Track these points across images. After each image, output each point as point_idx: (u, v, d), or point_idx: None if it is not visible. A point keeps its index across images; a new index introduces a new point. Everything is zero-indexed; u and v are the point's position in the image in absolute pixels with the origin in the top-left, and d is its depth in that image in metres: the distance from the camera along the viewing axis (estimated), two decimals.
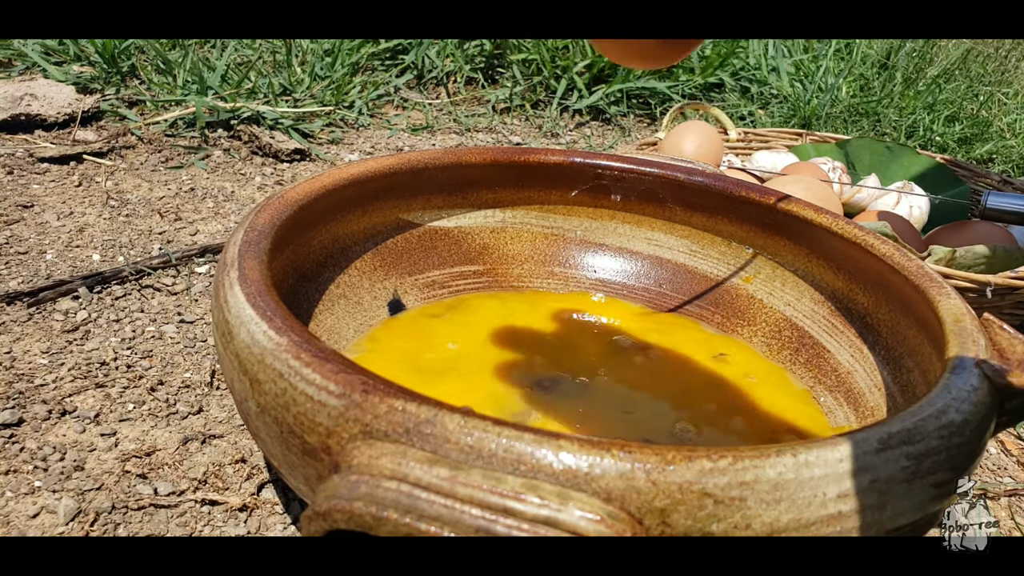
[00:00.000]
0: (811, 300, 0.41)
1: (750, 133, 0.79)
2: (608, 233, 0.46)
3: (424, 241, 0.44)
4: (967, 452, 0.24)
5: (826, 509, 0.20)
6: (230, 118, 0.78)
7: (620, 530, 0.19)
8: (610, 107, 0.97)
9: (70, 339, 0.44)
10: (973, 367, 0.26)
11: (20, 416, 0.38)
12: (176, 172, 0.68)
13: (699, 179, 0.43)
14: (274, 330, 0.24)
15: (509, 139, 0.88)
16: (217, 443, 0.38)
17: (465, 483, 0.19)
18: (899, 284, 0.35)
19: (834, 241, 0.39)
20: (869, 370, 0.37)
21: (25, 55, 0.83)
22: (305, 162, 0.75)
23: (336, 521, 0.19)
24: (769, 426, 0.36)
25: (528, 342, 0.40)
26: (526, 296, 0.45)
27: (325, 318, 0.38)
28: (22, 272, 0.50)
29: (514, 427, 0.20)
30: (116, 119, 0.76)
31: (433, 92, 1.00)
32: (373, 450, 0.20)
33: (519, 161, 0.44)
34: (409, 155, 0.41)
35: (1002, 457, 0.44)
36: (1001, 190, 0.70)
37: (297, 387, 0.23)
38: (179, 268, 0.53)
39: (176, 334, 0.46)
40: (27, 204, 0.59)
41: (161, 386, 0.41)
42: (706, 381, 0.39)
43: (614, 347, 0.40)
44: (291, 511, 0.35)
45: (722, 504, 0.20)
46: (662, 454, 0.20)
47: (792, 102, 1.00)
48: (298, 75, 0.90)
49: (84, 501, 0.34)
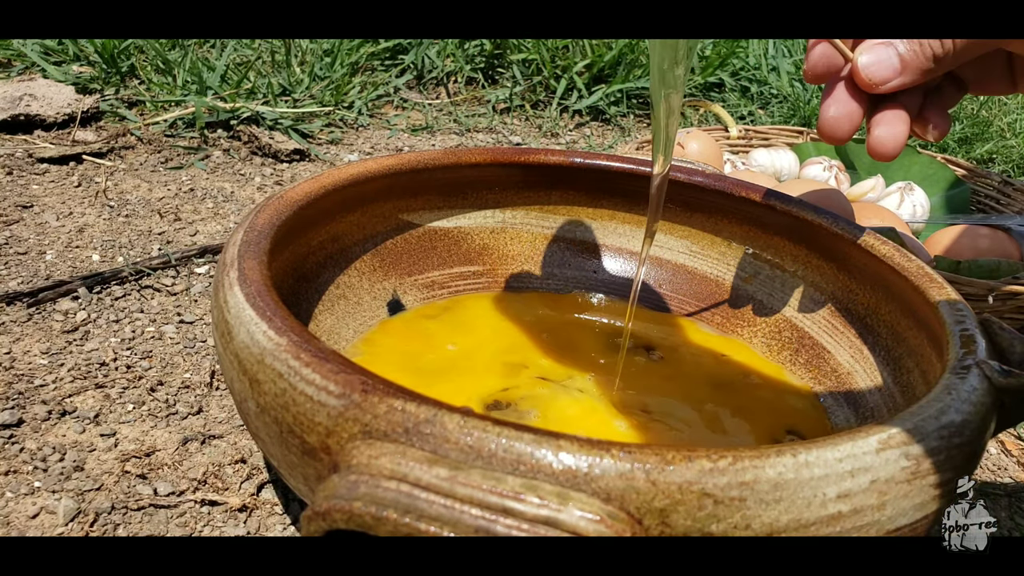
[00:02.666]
0: (811, 300, 0.41)
1: (751, 131, 0.79)
2: (608, 233, 0.46)
3: (424, 241, 0.44)
4: (967, 452, 0.24)
5: (826, 509, 0.20)
6: (230, 118, 0.78)
7: (620, 530, 0.19)
8: (610, 107, 0.97)
9: (70, 339, 0.44)
10: (973, 367, 0.26)
11: (20, 416, 0.38)
12: (176, 172, 0.68)
13: (699, 179, 0.43)
14: (274, 330, 0.24)
15: (509, 139, 0.88)
16: (217, 443, 0.38)
17: (465, 483, 0.19)
18: (899, 284, 0.35)
19: (834, 241, 0.39)
20: (869, 370, 0.37)
21: (24, 55, 0.83)
22: (305, 162, 0.75)
23: (336, 521, 0.19)
24: (770, 426, 0.36)
25: (527, 342, 0.40)
26: (525, 296, 0.45)
27: (325, 318, 0.38)
28: (22, 272, 0.50)
29: (514, 427, 0.20)
30: (115, 119, 0.76)
31: (433, 92, 1.00)
32: (373, 450, 0.20)
33: (519, 161, 0.44)
34: (409, 155, 0.41)
35: (1002, 457, 0.44)
36: (1003, 191, 0.70)
37: (297, 387, 0.23)
38: (179, 268, 0.53)
39: (176, 334, 0.46)
40: (27, 204, 0.59)
41: (161, 386, 0.41)
42: (706, 381, 0.39)
43: (615, 347, 0.40)
44: (291, 511, 0.35)
45: (722, 504, 0.20)
46: (662, 454, 0.20)
47: (792, 102, 1.00)
48: (297, 75, 0.90)
49: (84, 501, 0.34)
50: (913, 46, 0.29)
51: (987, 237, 0.57)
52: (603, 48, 1.01)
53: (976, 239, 0.57)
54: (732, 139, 0.77)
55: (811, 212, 0.39)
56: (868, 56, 0.30)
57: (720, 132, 0.78)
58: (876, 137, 0.30)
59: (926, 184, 0.70)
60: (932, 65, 0.29)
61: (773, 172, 0.71)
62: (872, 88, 0.30)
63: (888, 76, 0.29)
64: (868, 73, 0.30)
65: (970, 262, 0.50)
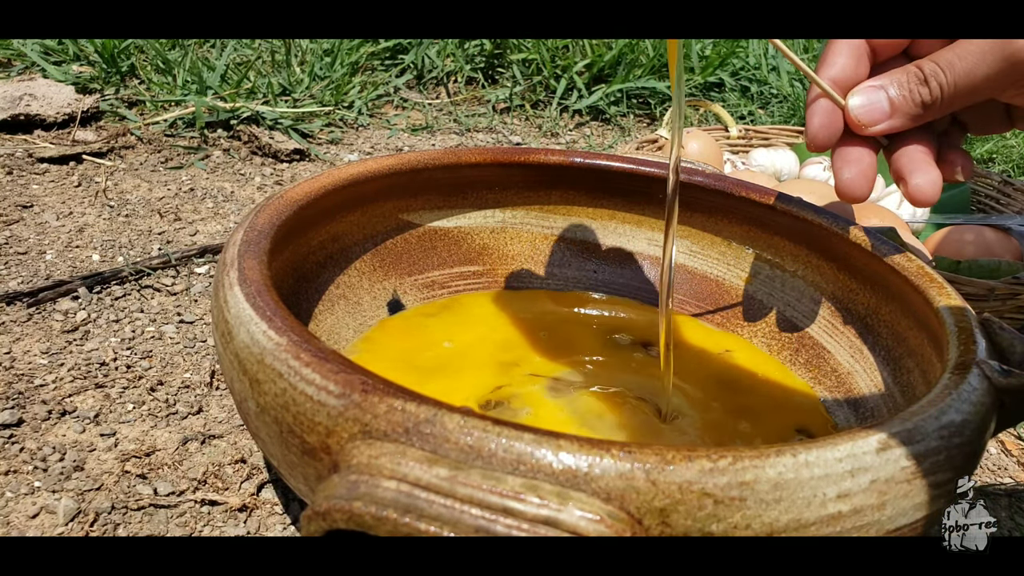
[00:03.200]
0: (811, 300, 0.41)
1: (751, 130, 0.79)
2: (608, 233, 0.46)
3: (424, 241, 0.44)
4: (967, 452, 0.24)
5: (826, 509, 0.20)
6: (229, 118, 0.78)
7: (620, 530, 0.19)
8: (610, 107, 0.97)
9: (70, 339, 0.44)
10: (973, 367, 0.26)
11: (20, 416, 0.38)
12: (176, 172, 0.68)
13: (699, 179, 0.43)
14: (274, 330, 0.24)
15: (509, 139, 0.88)
16: (217, 443, 0.38)
17: (465, 483, 0.19)
18: (899, 284, 0.35)
19: (834, 241, 0.39)
20: (869, 370, 0.37)
21: (24, 55, 0.83)
22: (305, 162, 0.75)
23: (335, 521, 0.19)
24: (770, 425, 0.36)
25: (525, 340, 0.40)
26: (524, 295, 0.45)
27: (325, 318, 0.38)
28: (22, 272, 0.50)
29: (514, 427, 0.20)
30: (115, 119, 0.76)
31: (433, 92, 1.00)
32: (372, 450, 0.20)
33: (519, 161, 0.44)
34: (409, 155, 0.41)
35: (1002, 457, 0.44)
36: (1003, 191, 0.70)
37: (297, 387, 0.23)
38: (179, 268, 0.53)
39: (176, 334, 0.46)
40: (27, 204, 0.59)
41: (161, 386, 0.41)
42: (705, 379, 0.39)
43: (613, 344, 0.40)
44: (291, 511, 0.35)
45: (722, 504, 0.20)
46: (662, 454, 0.20)
47: (792, 102, 1.00)
48: (297, 75, 0.90)
49: (84, 501, 0.34)
50: (903, 91, 0.30)
51: (987, 237, 0.57)
52: (603, 48, 1.01)
53: (976, 239, 0.57)
54: (732, 139, 0.77)
55: (811, 212, 0.39)
56: (859, 99, 0.31)
57: (720, 132, 0.78)
58: (916, 186, 0.31)
59: None
60: (921, 111, 0.30)
61: (773, 172, 0.71)
62: (862, 130, 0.31)
63: (878, 119, 0.31)
64: (858, 115, 0.31)
65: (970, 262, 0.50)
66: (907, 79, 0.30)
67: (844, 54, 0.31)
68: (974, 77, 0.28)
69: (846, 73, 0.31)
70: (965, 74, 0.28)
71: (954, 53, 0.29)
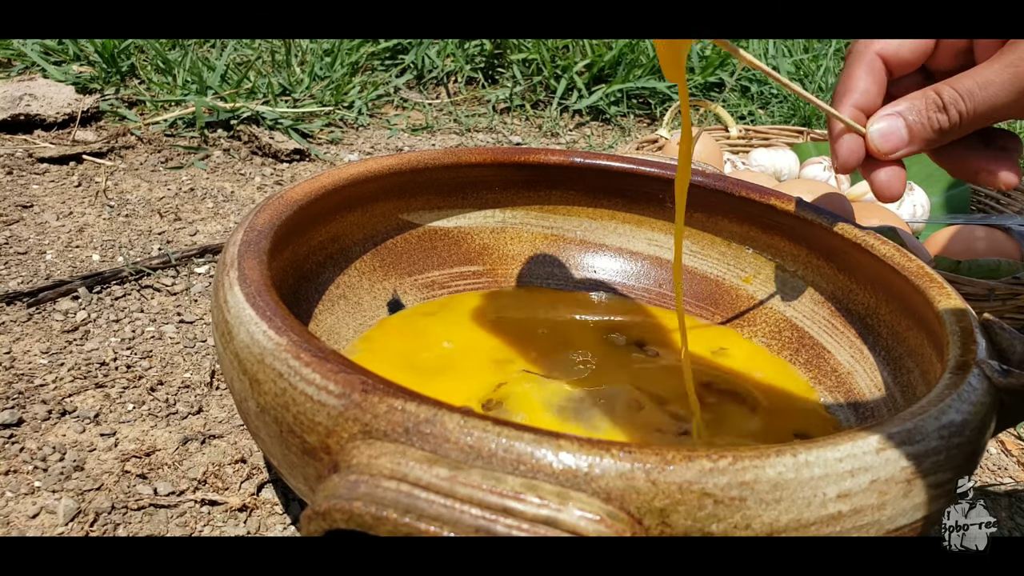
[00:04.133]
0: (811, 300, 0.41)
1: (751, 130, 0.79)
2: (608, 233, 0.46)
3: (424, 241, 0.44)
4: (967, 452, 0.24)
5: (826, 509, 0.20)
6: (230, 118, 0.78)
7: (620, 530, 0.19)
8: (610, 107, 0.97)
9: (70, 339, 0.44)
10: (973, 367, 0.26)
11: (20, 416, 0.38)
12: (176, 172, 0.68)
13: (699, 179, 0.43)
14: (274, 330, 0.24)
15: (509, 139, 0.88)
16: (217, 443, 0.38)
17: (465, 483, 0.19)
18: (899, 284, 0.35)
19: (834, 241, 0.39)
20: (869, 370, 0.37)
21: (24, 55, 0.83)
22: (305, 162, 0.75)
23: (336, 521, 0.19)
24: (769, 426, 0.36)
25: (524, 340, 0.40)
26: (524, 295, 0.45)
27: (325, 318, 0.38)
28: (22, 272, 0.50)
29: (514, 427, 0.20)
30: (116, 119, 0.76)
31: (433, 92, 1.00)
32: (373, 450, 0.20)
33: (519, 161, 0.44)
34: (409, 155, 0.41)
35: (1002, 457, 0.44)
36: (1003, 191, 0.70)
37: (297, 387, 0.23)
38: (179, 268, 0.53)
39: (176, 334, 0.46)
40: (27, 204, 0.59)
41: (161, 386, 0.41)
42: (705, 378, 0.39)
43: (610, 344, 0.40)
44: (291, 511, 0.35)
45: (722, 504, 0.20)
46: (662, 454, 0.20)
47: (792, 102, 1.00)
48: (297, 75, 0.90)
49: (84, 501, 0.34)
50: (921, 119, 0.31)
51: (987, 237, 0.56)
52: (603, 48, 1.01)
53: (976, 239, 0.57)
54: (732, 139, 0.77)
55: (811, 212, 0.39)
56: (878, 126, 0.32)
57: (720, 132, 0.78)
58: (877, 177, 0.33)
59: (926, 184, 0.70)
60: (937, 137, 0.31)
61: (773, 172, 0.71)
62: (882, 157, 0.33)
63: (897, 146, 0.32)
64: (877, 144, 0.32)
65: (970, 262, 0.50)
66: (925, 106, 0.31)
67: (863, 77, 0.33)
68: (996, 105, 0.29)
69: (869, 98, 0.33)
70: (986, 103, 0.29)
71: (974, 81, 0.30)
